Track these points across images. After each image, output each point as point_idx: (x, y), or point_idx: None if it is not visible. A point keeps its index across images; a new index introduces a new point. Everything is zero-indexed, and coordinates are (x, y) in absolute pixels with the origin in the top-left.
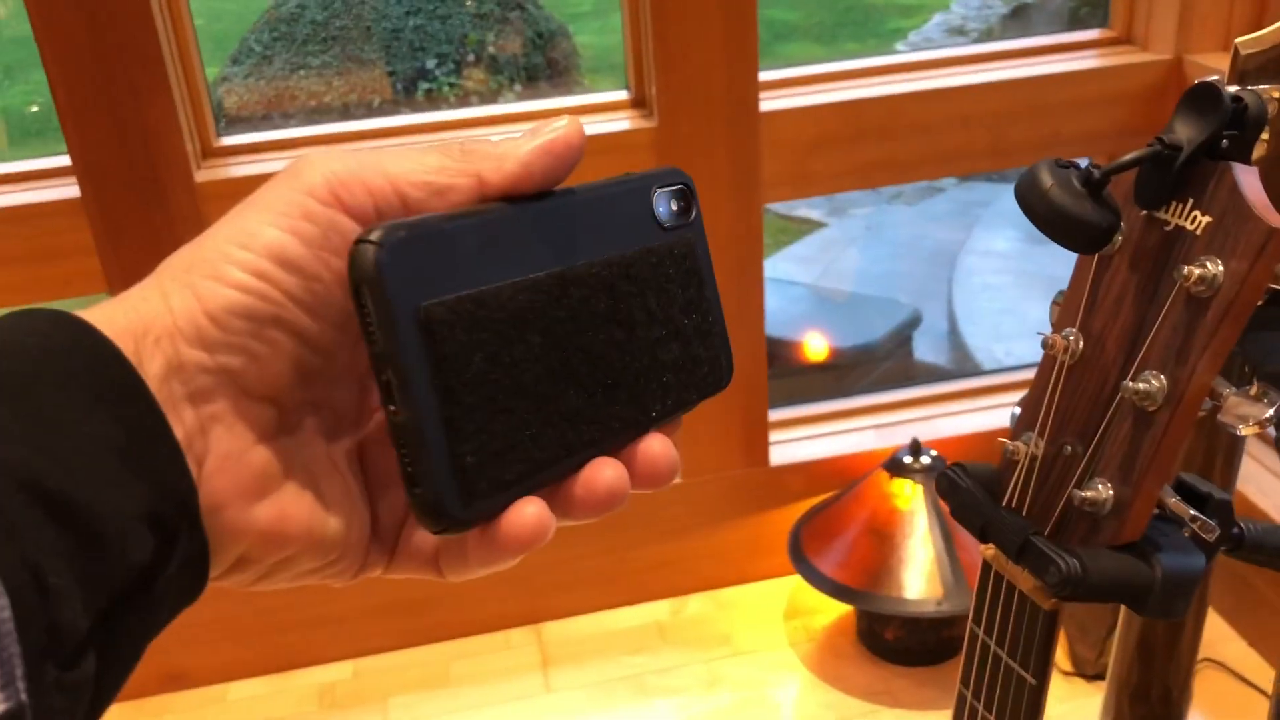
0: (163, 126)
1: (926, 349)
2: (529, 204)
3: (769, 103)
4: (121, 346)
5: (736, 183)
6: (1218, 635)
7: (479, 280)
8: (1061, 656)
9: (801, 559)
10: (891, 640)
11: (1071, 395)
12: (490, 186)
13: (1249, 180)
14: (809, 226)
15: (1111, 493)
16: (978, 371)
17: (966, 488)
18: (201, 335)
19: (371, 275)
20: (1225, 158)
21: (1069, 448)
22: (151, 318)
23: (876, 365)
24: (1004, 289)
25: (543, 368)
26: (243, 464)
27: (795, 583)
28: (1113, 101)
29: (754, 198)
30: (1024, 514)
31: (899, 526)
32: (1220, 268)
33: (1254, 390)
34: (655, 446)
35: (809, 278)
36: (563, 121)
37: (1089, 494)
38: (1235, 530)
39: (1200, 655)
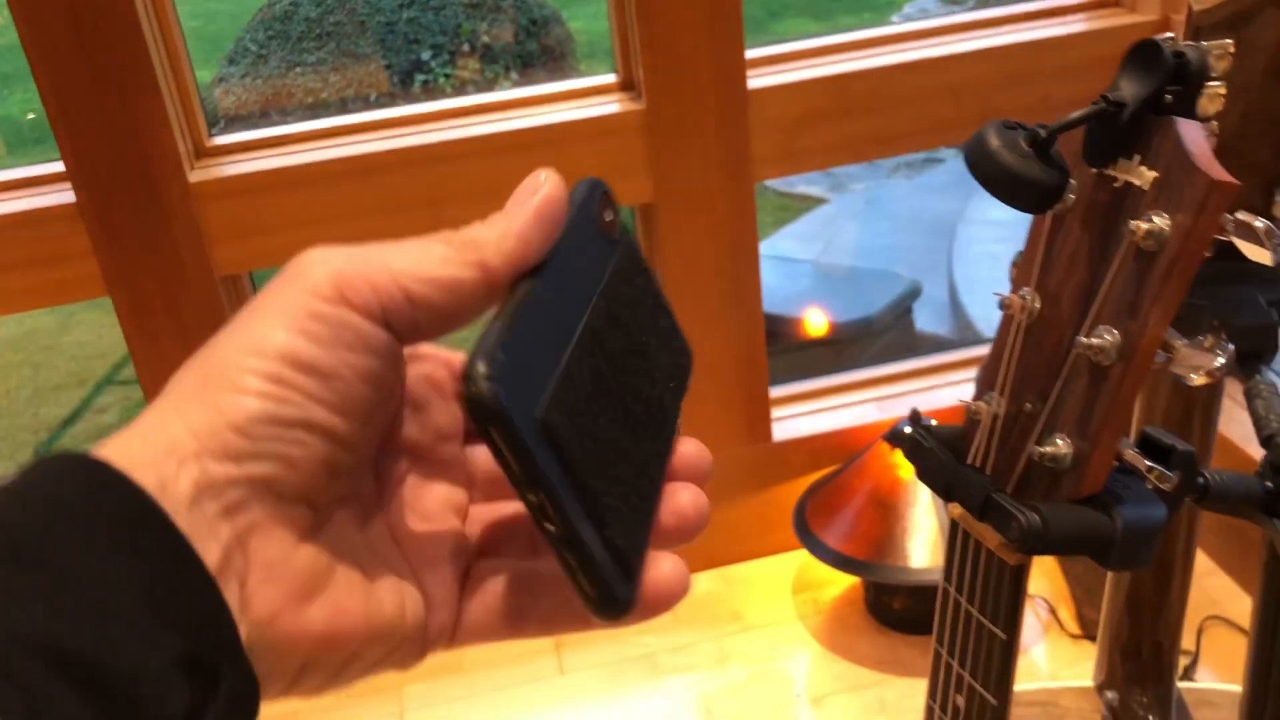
0: (154, 128)
1: (927, 320)
2: (539, 274)
3: (756, 80)
4: (143, 479)
5: (727, 162)
6: (1224, 594)
7: (551, 369)
8: (1069, 619)
9: (807, 533)
10: (899, 609)
11: (1030, 353)
12: (496, 272)
13: (1192, 134)
14: (809, 203)
15: (1070, 447)
16: (979, 340)
17: (931, 448)
18: (228, 448)
19: (497, 411)
20: (1171, 113)
21: (1029, 405)
22: (172, 442)
23: (877, 338)
24: (1003, 258)
25: (614, 423)
26: (288, 568)
27: (802, 556)
28: (1101, 64)
29: (745, 176)
30: (988, 472)
31: (902, 496)
32: (1167, 221)
33: (1208, 342)
34: (690, 449)
35: (810, 254)
36: (542, 179)
37: (1048, 449)
38: (1200, 481)
39: (1206, 613)
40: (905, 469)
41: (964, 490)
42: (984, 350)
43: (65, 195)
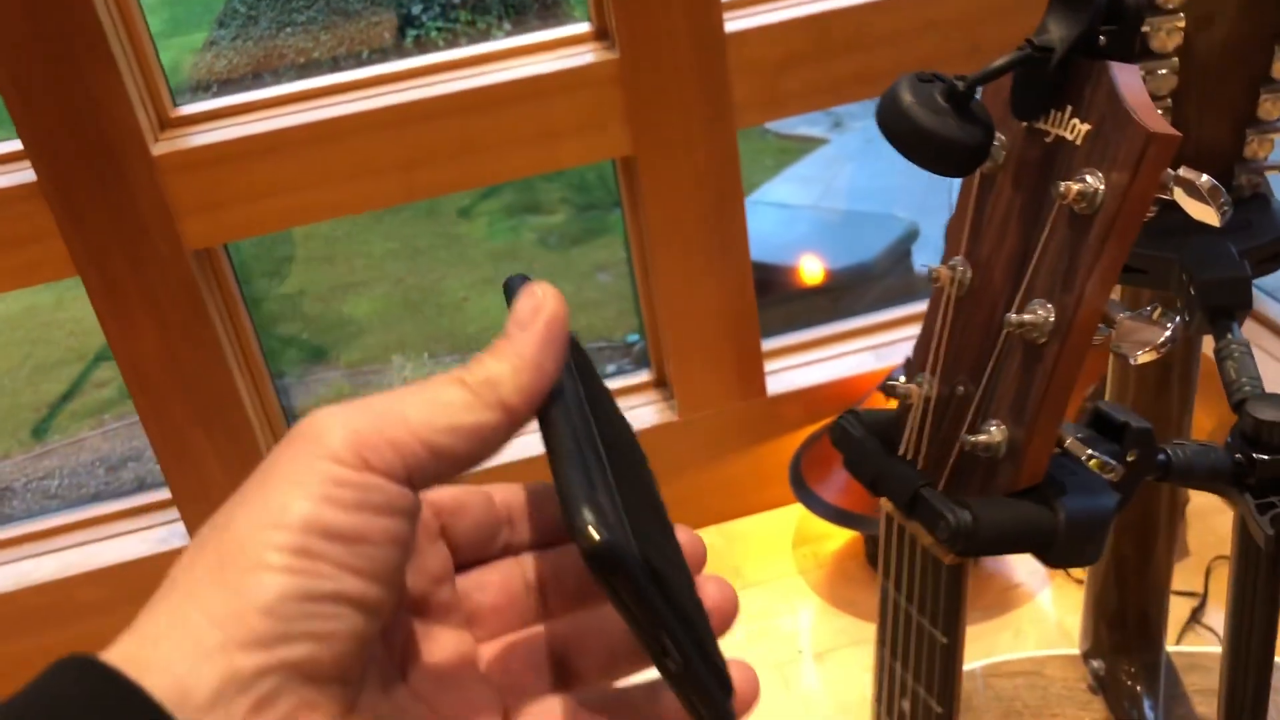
0: (111, 101)
1: (928, 261)
2: (559, 398)
3: (734, 23)
4: (158, 685)
5: (708, 109)
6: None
7: (614, 498)
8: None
9: (803, 488)
10: None
11: (962, 330)
12: (518, 410)
13: (1128, 80)
14: (810, 145)
15: (1004, 435)
16: None
17: (859, 437)
18: (256, 634)
19: (619, 561)
20: (1106, 57)
21: (961, 388)
22: (191, 636)
23: (875, 283)
24: None
25: (658, 534)
26: None
27: (801, 510)
28: None
29: (727, 123)
30: (920, 462)
31: None
32: (1101, 181)
33: (1155, 313)
34: (686, 539)
35: (810, 198)
36: (540, 295)
37: (981, 438)
38: (1161, 457)
39: (1215, 553)
40: None
41: (891, 484)
42: None
43: (25, 174)
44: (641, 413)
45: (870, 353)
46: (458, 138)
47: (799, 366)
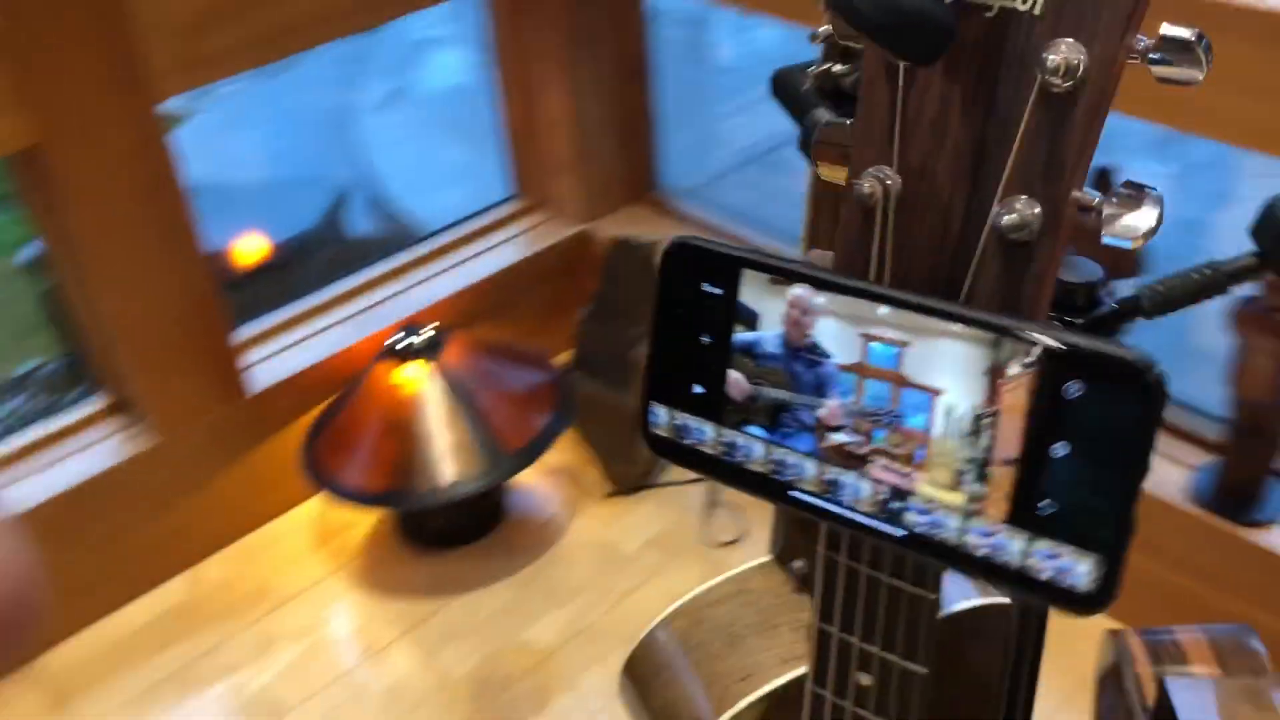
0: None
1: (360, 222)
2: None
3: None
4: None
5: (117, 82)
6: None
7: None
8: (597, 482)
9: (323, 477)
10: (439, 526)
11: (902, 249)
12: None
13: None
14: (170, 122)
15: None
16: (422, 233)
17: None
18: None
19: None
20: None
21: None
22: None
23: (326, 249)
24: (418, 140)
25: None
26: None
27: (313, 507)
28: None
29: (143, 97)
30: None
31: (417, 414)
32: (1082, 53)
33: (1124, 191)
34: None
35: (203, 173)
36: None
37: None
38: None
39: None
40: (411, 384)
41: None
42: (448, 238)
43: None
44: (101, 450)
45: (350, 323)
46: None
47: (277, 354)
